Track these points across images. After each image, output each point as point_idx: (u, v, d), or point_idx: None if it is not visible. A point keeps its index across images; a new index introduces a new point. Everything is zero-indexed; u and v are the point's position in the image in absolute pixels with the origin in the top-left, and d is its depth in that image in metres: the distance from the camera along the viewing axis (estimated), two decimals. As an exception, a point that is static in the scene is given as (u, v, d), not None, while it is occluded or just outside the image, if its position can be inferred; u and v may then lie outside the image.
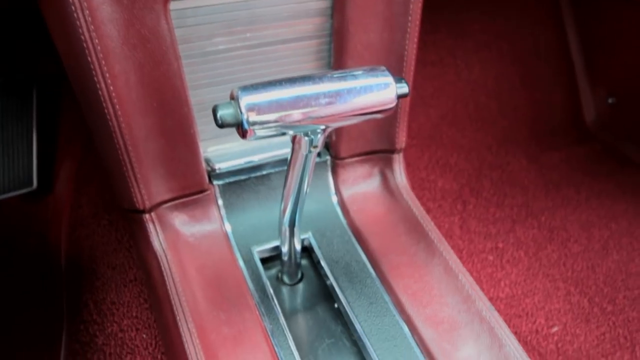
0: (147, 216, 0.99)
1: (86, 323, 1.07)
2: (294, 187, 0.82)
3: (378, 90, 0.71)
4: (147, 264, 1.00)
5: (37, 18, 0.86)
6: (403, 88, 0.73)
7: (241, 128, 0.66)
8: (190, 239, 1.02)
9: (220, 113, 0.66)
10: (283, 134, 0.70)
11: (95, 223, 1.23)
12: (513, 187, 1.53)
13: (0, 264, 1.26)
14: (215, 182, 1.04)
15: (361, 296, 0.97)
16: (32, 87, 1.50)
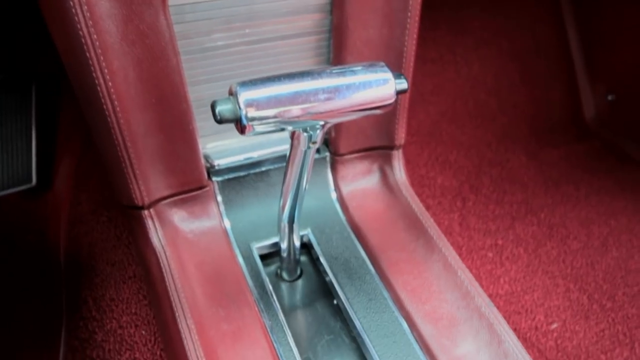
0: (146, 212, 0.99)
1: (85, 319, 1.07)
2: (293, 183, 0.82)
3: (377, 86, 0.71)
4: (146, 261, 1.00)
5: (36, 14, 0.85)
6: (402, 84, 0.72)
7: (240, 124, 0.66)
8: (189, 236, 1.02)
9: (218, 108, 0.66)
10: (282, 130, 0.70)
11: (94, 220, 1.23)
12: (512, 184, 1.53)
13: (-1, 261, 1.26)
14: (214, 179, 1.04)
15: (360, 292, 0.97)
16: (31, 84, 1.50)
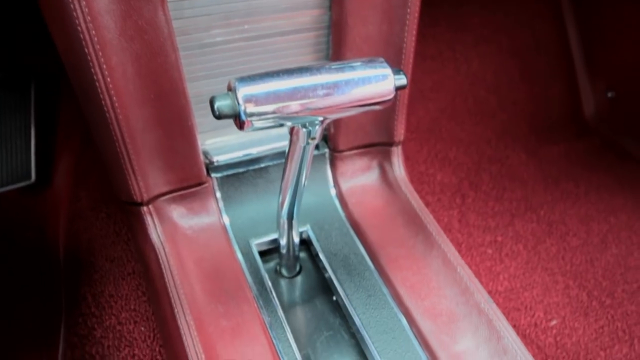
0: (145, 209, 0.99)
1: (84, 316, 1.07)
2: (292, 180, 0.81)
3: (376, 81, 0.71)
4: (145, 257, 1.00)
5: (35, 12, 0.85)
6: (401, 80, 0.72)
7: (238, 119, 0.66)
8: (188, 232, 1.01)
9: (217, 104, 0.65)
10: (281, 126, 0.70)
11: (93, 216, 1.23)
12: (512, 181, 1.53)
13: (-2, 258, 1.26)
14: (213, 175, 1.04)
15: (359, 289, 0.96)
16: (30, 81, 1.50)
